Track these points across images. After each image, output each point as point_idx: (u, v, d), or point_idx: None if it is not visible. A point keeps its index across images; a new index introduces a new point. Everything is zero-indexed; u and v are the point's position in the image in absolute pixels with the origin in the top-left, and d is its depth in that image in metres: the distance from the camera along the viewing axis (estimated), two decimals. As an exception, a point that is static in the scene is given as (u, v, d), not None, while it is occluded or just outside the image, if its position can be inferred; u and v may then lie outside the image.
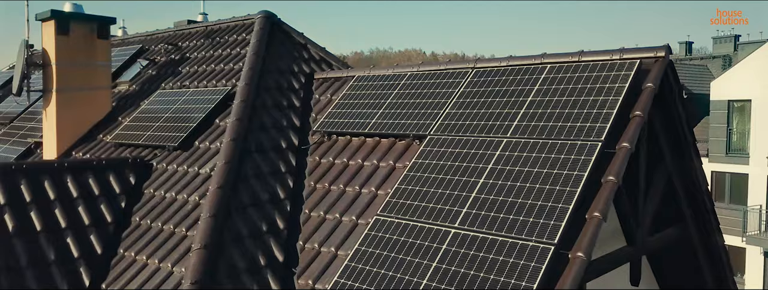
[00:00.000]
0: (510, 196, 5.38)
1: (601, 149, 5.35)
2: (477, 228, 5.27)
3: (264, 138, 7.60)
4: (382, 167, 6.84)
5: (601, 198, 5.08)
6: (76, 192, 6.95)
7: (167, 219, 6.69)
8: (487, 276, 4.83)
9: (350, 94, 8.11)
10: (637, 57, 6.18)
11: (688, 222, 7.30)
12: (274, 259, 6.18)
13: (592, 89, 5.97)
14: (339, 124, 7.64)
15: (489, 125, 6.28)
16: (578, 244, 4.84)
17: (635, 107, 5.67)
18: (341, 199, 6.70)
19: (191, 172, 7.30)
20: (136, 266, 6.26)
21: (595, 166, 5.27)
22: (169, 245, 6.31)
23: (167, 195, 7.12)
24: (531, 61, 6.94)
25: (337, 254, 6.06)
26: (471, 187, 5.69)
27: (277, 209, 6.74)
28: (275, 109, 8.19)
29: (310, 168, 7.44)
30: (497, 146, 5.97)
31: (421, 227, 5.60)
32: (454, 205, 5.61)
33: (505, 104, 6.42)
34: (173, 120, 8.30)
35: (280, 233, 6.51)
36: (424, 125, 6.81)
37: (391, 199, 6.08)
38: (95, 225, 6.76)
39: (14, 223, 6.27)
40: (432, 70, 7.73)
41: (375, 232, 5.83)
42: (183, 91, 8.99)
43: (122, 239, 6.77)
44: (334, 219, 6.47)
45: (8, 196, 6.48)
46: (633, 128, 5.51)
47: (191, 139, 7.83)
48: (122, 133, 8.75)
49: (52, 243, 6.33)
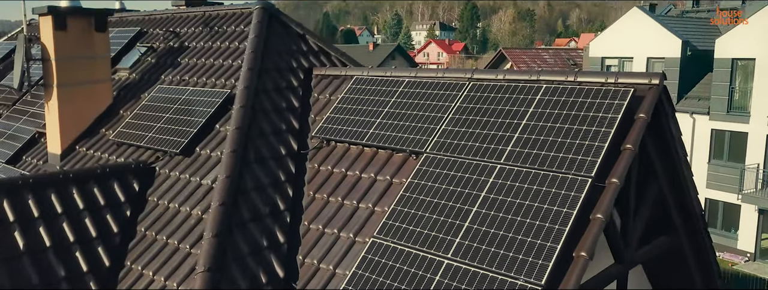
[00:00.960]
0: (501, 229, 5.57)
1: (591, 185, 5.50)
2: (469, 262, 5.48)
3: (263, 146, 7.73)
4: (379, 181, 7.01)
5: (588, 237, 5.27)
6: (82, 204, 7.15)
7: (172, 233, 6.92)
8: (477, 314, 5.08)
9: (348, 97, 8.18)
10: (632, 83, 6.23)
11: (679, 231, 7.50)
12: (274, 275, 6.44)
13: (585, 117, 6.05)
14: (337, 131, 7.75)
15: (483, 148, 6.39)
16: (565, 282, 5.07)
17: (626, 140, 5.77)
18: (339, 213, 6.90)
19: (194, 182, 7.47)
20: (143, 282, 6.53)
21: (584, 203, 5.43)
22: (173, 262, 6.56)
23: (171, 205, 7.32)
24: (527, 78, 6.98)
25: (335, 272, 6.31)
26: (464, 216, 5.87)
27: (277, 223, 6.95)
28: (274, 113, 8.28)
29: (309, 176, 7.61)
30: (491, 172, 6.11)
31: (415, 254, 5.82)
32: (448, 234, 5.81)
33: (501, 126, 6.51)
34: (174, 122, 8.40)
35: (280, 247, 6.75)
36: (420, 141, 6.93)
37: (387, 221, 6.28)
38: (102, 237, 7.00)
39: (24, 241, 6.50)
40: (429, 78, 7.77)
41: (372, 256, 6.06)
42: (183, 88, 9.05)
43: (129, 250, 7.02)
44: (332, 235, 6.69)
45: (17, 214, 6.68)
46: (623, 163, 5.63)
47: (192, 145, 7.96)
48: (124, 131, 8.88)
49: (61, 259, 6.58)
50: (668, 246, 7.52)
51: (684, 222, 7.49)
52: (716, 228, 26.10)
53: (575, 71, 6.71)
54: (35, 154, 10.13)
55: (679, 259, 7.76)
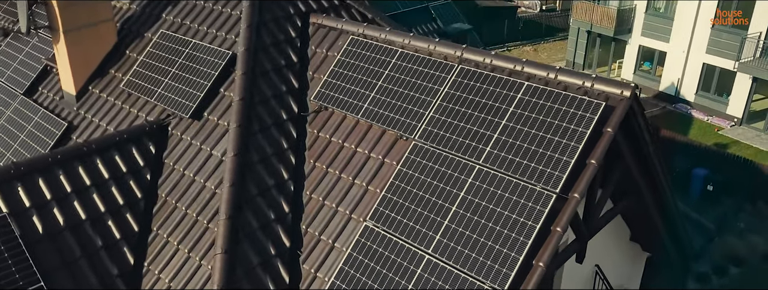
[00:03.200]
0: (474, 233, 6.48)
1: (555, 200, 6.28)
2: (445, 260, 6.48)
3: (266, 113, 8.34)
4: (372, 159, 7.75)
5: (547, 248, 6.19)
6: (108, 174, 8.00)
7: (189, 203, 7.85)
8: (449, 310, 6.19)
9: (343, 61, 8.58)
10: (606, 91, 6.70)
11: (643, 193, 8.37)
12: (281, 245, 7.49)
13: (558, 128, 6.62)
14: (334, 99, 8.31)
15: (466, 144, 7.05)
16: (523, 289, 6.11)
17: (591, 155, 6.42)
18: (337, 187, 7.75)
19: (204, 151, 8.22)
20: (169, 250, 7.60)
21: (548, 215, 6.26)
22: (194, 234, 7.57)
23: (186, 172, 8.16)
24: (512, 68, 7.38)
25: (334, 246, 7.36)
26: (445, 214, 6.74)
27: (282, 193, 7.85)
28: (274, 73, 8.75)
29: (309, 141, 8.33)
30: (470, 172, 6.85)
31: (402, 245, 6.80)
32: (430, 229, 6.73)
33: (483, 122, 7.09)
34: (180, 80, 8.90)
35: (285, 217, 7.72)
36: (410, 125, 7.55)
37: (379, 207, 7.17)
38: (129, 204, 7.95)
39: (64, 217, 7.47)
40: (421, 50, 8.12)
41: (365, 240, 7.05)
42: (185, 39, 9.36)
43: (153, 215, 8.01)
44: (331, 209, 7.61)
45: (52, 191, 7.56)
46: (585, 178, 6.34)
47: (201, 109, 8.57)
48: (133, 81, 9.40)
49: (97, 230, 7.60)
50: (631, 207, 8.47)
51: (649, 187, 8.36)
52: (709, 93, 26.88)
53: (557, 69, 7.11)
54: (49, 87, 10.72)
55: (644, 216, 8.78)
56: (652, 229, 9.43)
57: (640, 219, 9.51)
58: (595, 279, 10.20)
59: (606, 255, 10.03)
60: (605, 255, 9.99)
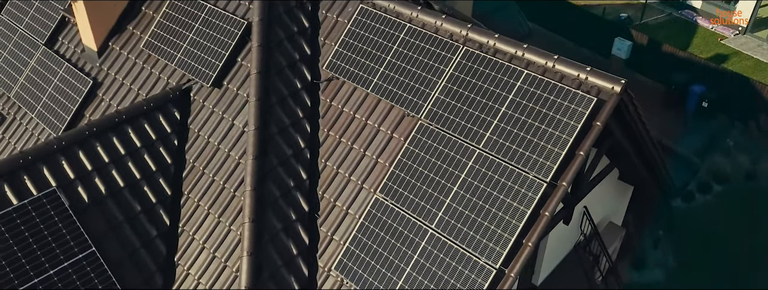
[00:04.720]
0: (473, 213, 7.34)
1: (545, 188, 7.07)
2: (447, 235, 7.41)
3: (281, 83, 8.91)
4: (381, 132, 8.44)
5: (535, 230, 7.08)
6: (139, 142, 8.74)
7: (216, 171, 8.66)
8: (448, 278, 7.19)
9: (353, 31, 8.98)
10: (599, 84, 7.25)
11: (631, 157, 9.13)
12: (301, 210, 8.40)
13: (553, 119, 7.25)
14: (345, 70, 8.84)
15: (468, 128, 7.72)
16: (512, 265, 7.08)
17: (580, 147, 7.12)
18: (349, 157, 8.51)
19: (226, 120, 8.89)
20: (201, 214, 8.52)
21: (539, 201, 7.08)
22: (222, 201, 8.45)
23: (211, 140, 8.89)
24: (514, 52, 7.85)
25: (347, 212, 8.27)
26: (447, 193, 7.57)
27: (299, 162, 8.63)
28: (287, 41, 9.20)
29: (322, 110, 8.97)
30: (471, 155, 7.59)
31: (408, 219, 7.70)
32: (433, 206, 7.60)
33: (484, 107, 7.71)
34: (198, 46, 9.37)
35: (303, 183, 8.56)
36: (417, 104, 8.16)
37: (388, 182, 7.99)
38: (161, 169, 8.77)
39: (105, 185, 8.32)
40: (428, 25, 8.52)
41: (375, 211, 7.94)
42: (202, 3, 9.68)
43: (183, 179, 8.85)
44: (344, 178, 8.43)
45: (92, 162, 8.34)
46: (573, 168, 7.09)
47: (220, 78, 9.13)
48: (152, 42, 9.87)
49: (135, 195, 8.48)
50: (617, 167, 9.27)
51: (638, 157, 9.10)
52: (717, 0, 26.63)
53: (555, 58, 7.59)
54: (70, 38, 11.13)
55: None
56: (639, 172, 10.26)
57: (630, 167, 10.33)
58: (582, 220, 11.22)
59: (594, 197, 10.98)
60: (593, 197, 10.94)
